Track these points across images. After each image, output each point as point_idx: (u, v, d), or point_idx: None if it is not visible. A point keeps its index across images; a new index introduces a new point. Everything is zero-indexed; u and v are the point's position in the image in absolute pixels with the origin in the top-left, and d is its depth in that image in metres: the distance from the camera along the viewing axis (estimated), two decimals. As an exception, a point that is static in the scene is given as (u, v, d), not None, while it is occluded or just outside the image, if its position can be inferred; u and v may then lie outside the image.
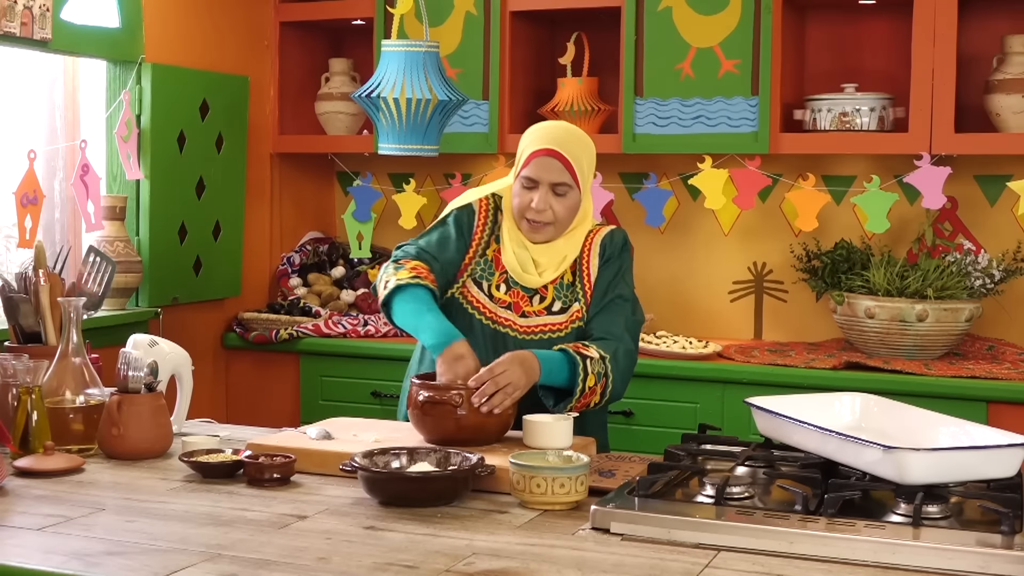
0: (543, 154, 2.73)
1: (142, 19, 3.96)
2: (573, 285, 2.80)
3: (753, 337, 4.31)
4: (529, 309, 2.78)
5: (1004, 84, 3.76)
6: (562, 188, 2.73)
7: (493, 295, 2.79)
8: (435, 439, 2.47)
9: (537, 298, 2.79)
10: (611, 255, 2.81)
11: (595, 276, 2.79)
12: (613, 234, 2.84)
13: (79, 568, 1.84)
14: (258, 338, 4.32)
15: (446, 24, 4.26)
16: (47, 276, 2.88)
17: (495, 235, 2.83)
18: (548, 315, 2.78)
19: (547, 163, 2.73)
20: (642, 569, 1.84)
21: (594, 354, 2.66)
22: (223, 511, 2.15)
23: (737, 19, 3.93)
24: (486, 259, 2.81)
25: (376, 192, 4.54)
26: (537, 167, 2.73)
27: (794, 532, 1.93)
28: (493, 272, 2.80)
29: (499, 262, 2.81)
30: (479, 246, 2.81)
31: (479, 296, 2.79)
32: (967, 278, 3.73)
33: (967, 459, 2.08)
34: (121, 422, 2.53)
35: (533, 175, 2.74)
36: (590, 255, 2.80)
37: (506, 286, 2.79)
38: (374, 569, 1.83)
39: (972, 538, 1.91)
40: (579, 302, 2.79)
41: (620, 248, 2.82)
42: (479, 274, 2.80)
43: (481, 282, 2.80)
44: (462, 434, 2.46)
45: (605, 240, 2.82)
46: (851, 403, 2.48)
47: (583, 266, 2.80)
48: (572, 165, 2.73)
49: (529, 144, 2.78)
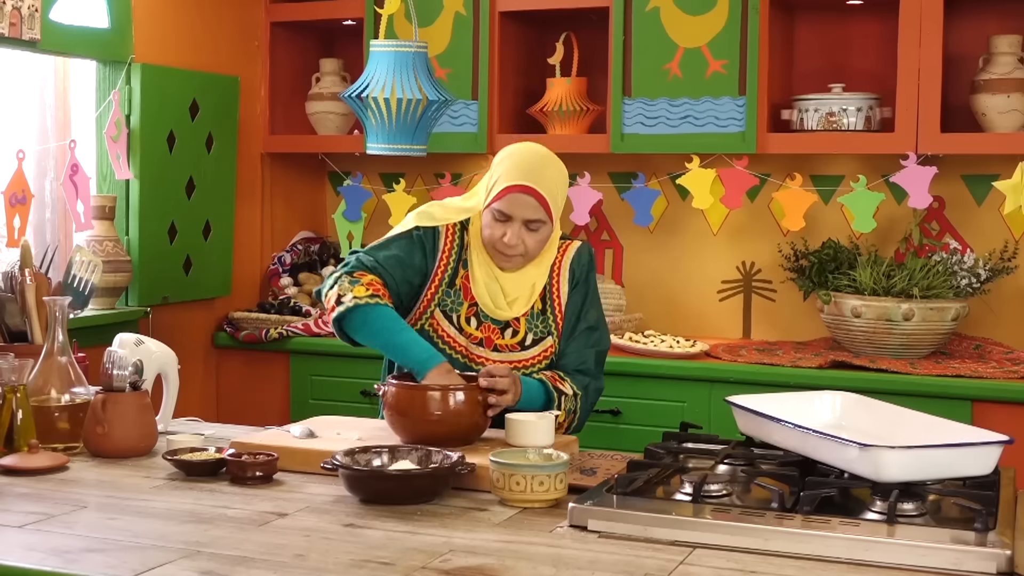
0: (518, 191, 2.66)
1: (131, 19, 3.97)
2: (544, 314, 2.79)
3: (742, 336, 4.33)
4: (501, 343, 2.77)
5: (990, 84, 3.77)
6: (535, 224, 2.68)
7: (463, 329, 2.76)
8: (410, 439, 2.48)
9: (509, 331, 2.77)
10: (579, 279, 2.81)
11: (565, 302, 2.79)
12: (580, 254, 2.82)
13: (58, 565, 1.85)
14: (248, 337, 4.33)
15: (435, 24, 4.27)
16: (33, 275, 2.89)
17: (462, 260, 2.77)
18: (521, 350, 2.76)
19: (522, 200, 2.66)
20: (617, 566, 1.85)
21: (568, 391, 2.71)
22: (204, 509, 2.17)
23: (724, 19, 3.94)
24: (455, 288, 2.76)
25: (366, 192, 4.56)
26: (511, 203, 2.66)
27: (769, 529, 1.94)
28: (462, 303, 2.76)
29: (467, 291, 2.76)
30: (445, 273, 2.76)
31: (449, 330, 2.75)
32: (953, 277, 3.74)
33: (943, 457, 2.10)
34: (106, 420, 2.54)
35: (506, 210, 2.67)
36: (559, 280, 2.80)
37: (476, 320, 2.76)
38: (351, 566, 1.84)
39: (946, 535, 1.92)
40: (551, 335, 2.78)
41: (587, 269, 2.82)
42: (448, 305, 2.76)
43: (451, 315, 2.76)
44: (437, 435, 2.46)
45: (573, 263, 2.81)
46: (832, 402, 2.50)
47: (553, 293, 2.79)
48: (547, 202, 2.67)
49: (503, 175, 2.70)
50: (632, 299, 4.40)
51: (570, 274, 2.80)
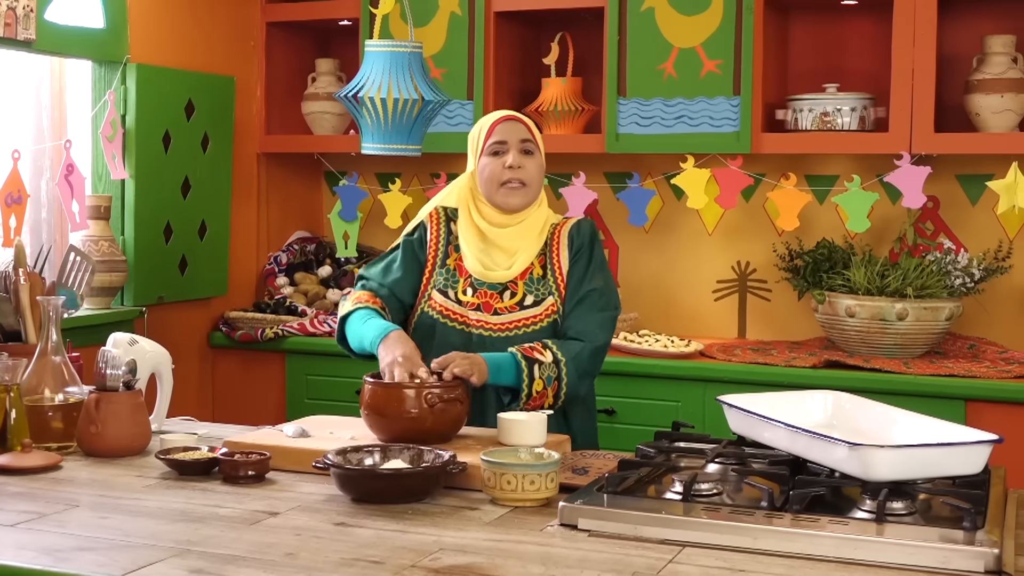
0: (505, 120, 2.87)
1: (127, 19, 3.98)
2: (544, 278, 2.83)
3: (737, 336, 4.33)
4: (501, 306, 2.81)
5: (984, 84, 3.78)
6: (529, 145, 2.86)
7: (461, 300, 2.83)
8: (388, 438, 2.48)
9: (508, 294, 2.82)
10: (580, 246, 2.84)
11: (567, 268, 2.82)
12: (580, 225, 2.88)
13: (49, 563, 1.86)
14: (244, 337, 4.34)
15: (431, 24, 4.28)
16: (27, 275, 2.90)
17: (452, 244, 2.88)
18: (521, 310, 2.80)
19: (511, 125, 2.87)
20: (606, 564, 1.86)
21: (547, 358, 2.69)
22: (196, 508, 2.17)
23: (719, 19, 3.95)
24: (447, 269, 2.87)
25: (362, 192, 4.56)
26: (503, 130, 2.86)
27: (758, 528, 1.95)
28: (458, 279, 2.86)
29: (462, 269, 2.86)
30: (437, 256, 2.88)
31: (446, 303, 2.83)
32: (947, 277, 3.75)
33: (932, 456, 2.10)
34: (99, 420, 2.55)
35: (501, 137, 2.85)
36: (559, 247, 2.84)
37: (472, 289, 2.83)
38: (340, 564, 1.85)
39: (935, 534, 1.93)
40: (553, 295, 2.81)
41: (589, 238, 2.86)
42: (443, 284, 2.85)
43: (447, 290, 2.85)
44: (414, 433, 2.45)
45: (572, 231, 2.86)
46: (823, 401, 2.50)
47: (553, 258, 2.83)
48: (531, 129, 2.88)
49: (485, 122, 2.91)
50: (627, 299, 4.40)
51: (569, 240, 2.85)
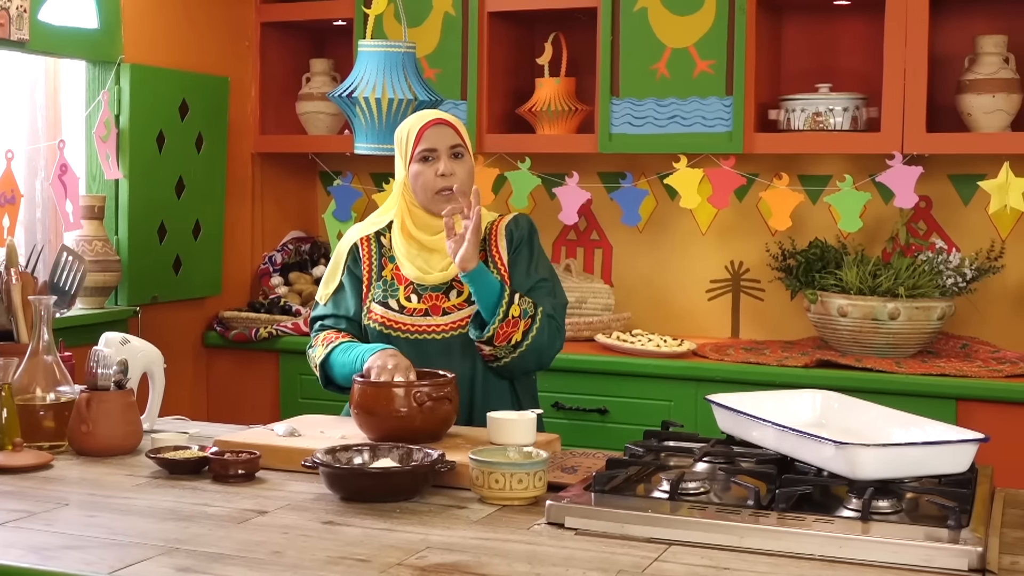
0: (432, 124, 2.82)
1: (121, 19, 3.99)
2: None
3: (730, 335, 4.34)
4: (448, 305, 2.82)
5: (976, 84, 3.79)
6: (459, 149, 2.83)
7: (405, 307, 2.82)
8: (377, 437, 2.48)
9: (454, 293, 2.82)
10: (520, 239, 2.85)
11: (507, 261, 2.83)
12: (518, 219, 2.89)
13: (36, 562, 1.86)
14: (238, 336, 4.35)
15: (424, 25, 4.28)
16: (19, 275, 2.91)
17: (385, 256, 2.87)
18: (470, 306, 2.79)
19: (439, 131, 2.82)
20: (592, 562, 1.87)
21: (527, 299, 2.75)
22: (185, 506, 2.18)
23: (712, 19, 3.96)
24: (384, 280, 2.85)
25: (356, 191, 4.57)
26: (430, 137, 2.81)
27: (744, 526, 1.95)
28: (397, 288, 2.84)
29: (400, 277, 2.84)
30: (372, 271, 2.86)
31: (386, 314, 2.82)
32: (939, 277, 3.76)
33: (918, 455, 2.11)
34: (90, 419, 2.56)
35: (430, 144, 2.81)
36: (497, 241, 2.84)
37: (417, 295, 2.82)
38: (327, 563, 1.86)
39: (919, 532, 1.93)
40: None
41: (528, 232, 2.87)
42: (381, 296, 2.84)
43: (387, 300, 2.83)
44: (403, 432, 2.46)
45: (510, 226, 2.87)
46: (811, 400, 2.50)
47: (492, 252, 2.84)
48: (460, 131, 2.84)
49: (412, 126, 2.85)
50: (620, 298, 4.41)
51: (508, 234, 2.85)
